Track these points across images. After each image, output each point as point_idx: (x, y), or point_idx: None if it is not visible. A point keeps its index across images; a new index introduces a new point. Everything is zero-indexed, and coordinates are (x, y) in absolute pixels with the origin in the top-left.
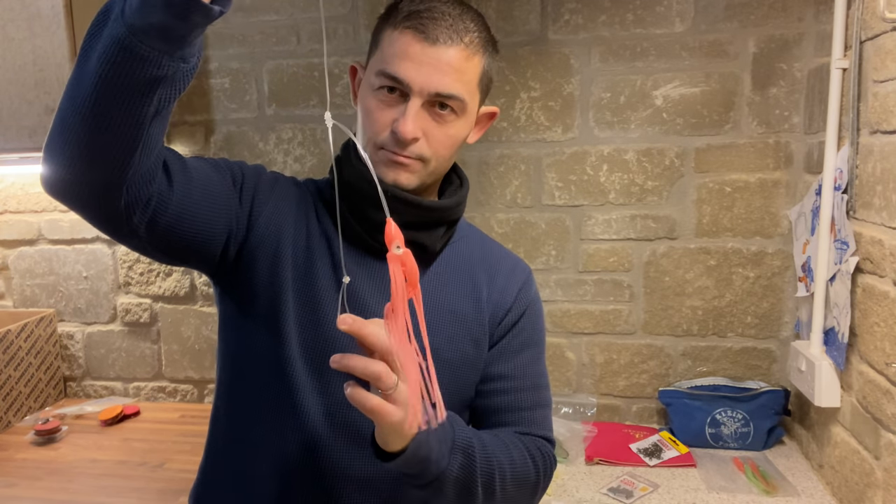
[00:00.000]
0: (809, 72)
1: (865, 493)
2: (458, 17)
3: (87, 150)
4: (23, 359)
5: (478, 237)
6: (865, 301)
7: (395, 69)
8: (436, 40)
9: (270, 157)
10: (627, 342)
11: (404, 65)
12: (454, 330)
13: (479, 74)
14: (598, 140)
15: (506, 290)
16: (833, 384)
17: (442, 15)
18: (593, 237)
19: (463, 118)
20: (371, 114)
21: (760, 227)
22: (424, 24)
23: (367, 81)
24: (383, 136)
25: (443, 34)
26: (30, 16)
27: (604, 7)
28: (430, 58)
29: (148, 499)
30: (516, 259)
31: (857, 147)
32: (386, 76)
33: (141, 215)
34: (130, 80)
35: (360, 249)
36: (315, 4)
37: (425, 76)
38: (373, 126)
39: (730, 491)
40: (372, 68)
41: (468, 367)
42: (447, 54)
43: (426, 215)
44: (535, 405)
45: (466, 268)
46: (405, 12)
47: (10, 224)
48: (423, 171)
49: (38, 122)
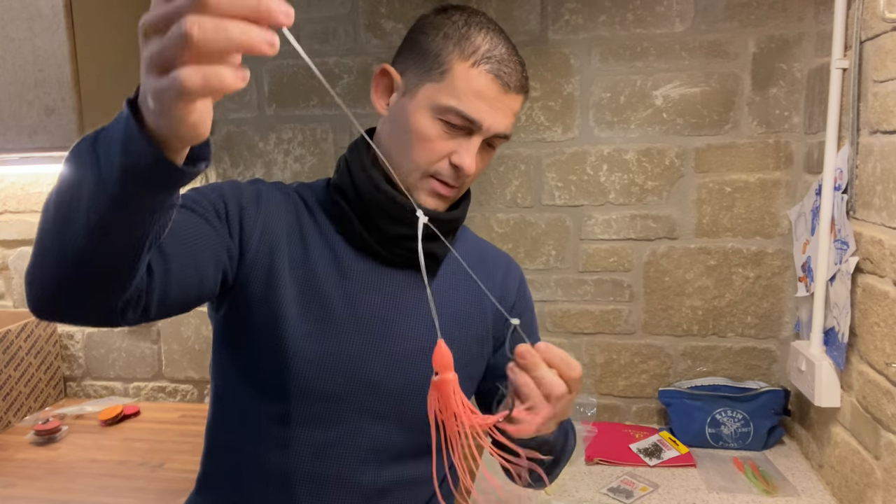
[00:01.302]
0: (809, 72)
1: (865, 493)
2: (521, 64)
3: (84, 287)
4: (23, 359)
5: (471, 238)
6: (865, 301)
7: (472, 111)
8: (509, 88)
9: (270, 157)
10: (627, 342)
11: (482, 108)
12: (458, 332)
13: None
14: (598, 140)
15: (506, 289)
16: (833, 384)
17: (516, 64)
18: (593, 237)
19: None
20: (428, 141)
21: (760, 227)
22: (503, 71)
23: (425, 102)
24: (440, 167)
25: (516, 83)
26: (30, 16)
27: (604, 7)
28: (503, 104)
29: (148, 499)
30: (508, 258)
31: (857, 147)
32: (458, 114)
33: (133, 311)
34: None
35: (368, 257)
36: (315, 4)
37: (495, 120)
38: (428, 154)
39: (730, 491)
40: (436, 93)
41: (471, 366)
42: (516, 102)
43: (443, 226)
44: None
45: (467, 270)
46: (483, 53)
47: (10, 224)
48: (454, 198)
49: (38, 122)
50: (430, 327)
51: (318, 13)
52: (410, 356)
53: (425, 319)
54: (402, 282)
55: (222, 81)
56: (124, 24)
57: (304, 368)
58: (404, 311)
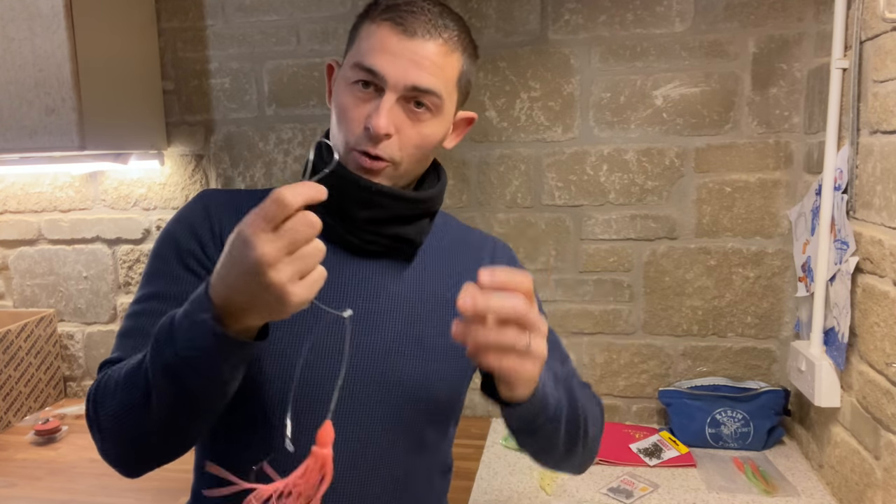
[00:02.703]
0: (809, 72)
1: (865, 493)
2: (437, 14)
3: (162, 453)
4: (23, 359)
5: (456, 225)
6: (865, 301)
7: (371, 61)
8: (414, 33)
9: (270, 157)
10: (627, 342)
11: (381, 57)
12: (441, 316)
13: (457, 73)
14: (598, 140)
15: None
16: (833, 384)
17: (421, 9)
18: (593, 237)
19: (439, 118)
20: (345, 111)
21: (760, 227)
22: (403, 17)
23: (342, 76)
24: (357, 136)
25: (421, 27)
26: (30, 16)
27: (604, 7)
28: (407, 50)
29: (147, 499)
30: (495, 239)
31: (857, 147)
32: (361, 69)
33: None
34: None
35: (341, 248)
36: (315, 4)
37: (402, 69)
38: (347, 124)
39: (730, 491)
40: (347, 62)
41: (460, 353)
42: (425, 48)
43: (412, 208)
44: (562, 359)
45: (448, 255)
46: (384, 6)
47: (10, 224)
48: (393, 174)
49: (38, 122)
50: (410, 322)
51: (318, 13)
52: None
53: (405, 311)
54: (374, 270)
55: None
56: (124, 25)
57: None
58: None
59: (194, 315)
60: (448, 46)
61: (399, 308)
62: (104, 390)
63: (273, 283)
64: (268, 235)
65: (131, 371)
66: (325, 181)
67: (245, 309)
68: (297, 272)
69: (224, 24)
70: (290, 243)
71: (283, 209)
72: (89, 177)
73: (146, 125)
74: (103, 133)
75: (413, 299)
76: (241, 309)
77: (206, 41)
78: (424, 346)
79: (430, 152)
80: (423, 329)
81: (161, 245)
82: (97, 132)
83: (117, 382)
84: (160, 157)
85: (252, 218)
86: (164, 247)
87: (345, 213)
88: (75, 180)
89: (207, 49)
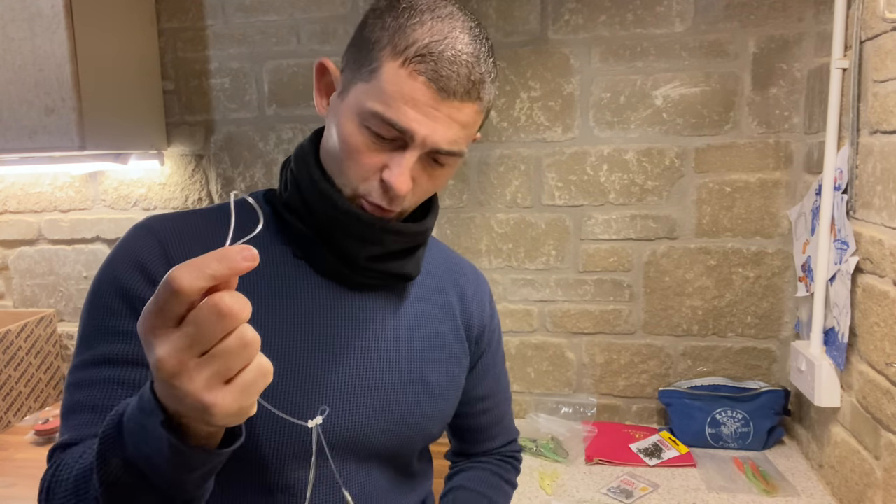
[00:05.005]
0: (809, 72)
1: (865, 493)
2: (474, 65)
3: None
4: (23, 359)
5: (438, 249)
6: (865, 301)
7: (397, 116)
8: (452, 94)
9: (270, 157)
10: (627, 342)
11: (411, 115)
12: (440, 354)
13: (482, 121)
14: (598, 140)
15: (477, 304)
16: (833, 384)
17: (459, 62)
18: (593, 237)
19: (453, 166)
20: (356, 153)
21: (760, 227)
22: (439, 72)
23: (353, 106)
24: (369, 185)
25: (460, 88)
26: (30, 16)
27: (604, 7)
28: (440, 112)
29: None
30: (476, 271)
31: (857, 147)
32: (384, 121)
33: None
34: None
35: (336, 283)
36: (315, 4)
37: (431, 130)
38: (357, 168)
39: (730, 491)
40: (363, 95)
41: (454, 389)
42: (460, 112)
43: (410, 241)
44: (509, 411)
45: (437, 285)
46: (416, 48)
47: (10, 224)
48: (399, 217)
49: (38, 122)
50: (410, 357)
51: (318, 13)
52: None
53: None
54: (371, 305)
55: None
56: (124, 25)
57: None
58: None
59: (142, 418)
60: (482, 104)
61: (399, 344)
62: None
63: (184, 393)
64: (165, 334)
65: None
66: (307, 200)
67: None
68: (214, 376)
69: (224, 24)
70: (195, 342)
71: (178, 299)
72: (89, 177)
73: (146, 125)
74: (103, 133)
75: (411, 334)
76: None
77: (206, 41)
78: (424, 383)
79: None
80: (422, 365)
81: (100, 293)
82: (97, 132)
83: (66, 490)
84: (160, 157)
85: (145, 311)
86: (106, 294)
87: (344, 249)
88: (75, 180)
89: (207, 49)
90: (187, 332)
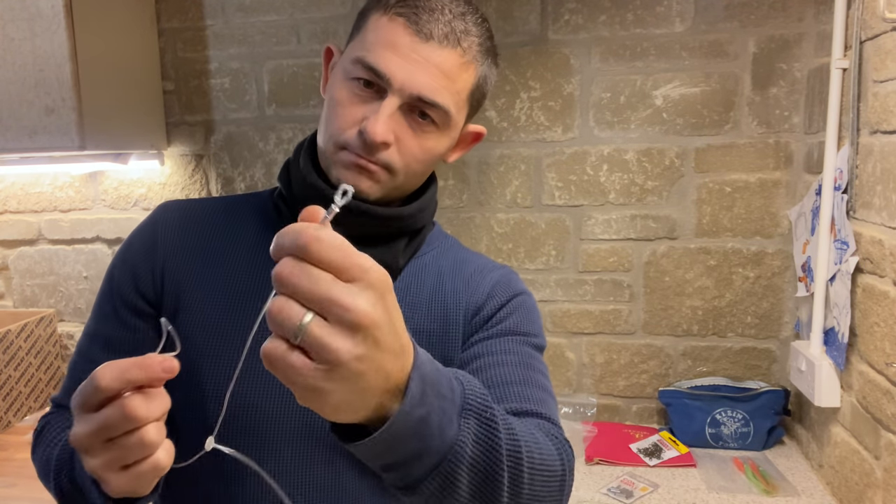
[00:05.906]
0: (809, 72)
1: (865, 493)
2: (459, 16)
3: None
4: (23, 359)
5: (453, 248)
6: (865, 301)
7: (375, 59)
8: (430, 36)
9: (270, 157)
10: (627, 342)
11: (388, 56)
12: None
13: (471, 87)
14: (598, 140)
15: (476, 290)
16: (833, 384)
17: (441, 9)
18: (593, 237)
19: (444, 132)
20: (339, 106)
21: (760, 227)
22: (419, 15)
23: (342, 67)
24: (348, 135)
25: (439, 31)
26: (30, 16)
27: (604, 7)
28: (419, 55)
29: None
30: (493, 263)
31: (857, 147)
32: (364, 66)
33: None
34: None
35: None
36: (315, 4)
37: (409, 74)
38: (338, 120)
39: (730, 491)
40: (350, 54)
41: None
42: (439, 56)
43: (381, 227)
44: (529, 383)
45: (433, 281)
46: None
47: (10, 224)
48: (388, 183)
49: (38, 122)
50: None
51: (318, 13)
52: None
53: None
54: None
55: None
56: (124, 25)
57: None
58: None
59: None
60: (465, 58)
61: None
62: (37, 444)
63: (88, 465)
64: (85, 415)
65: (46, 463)
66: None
67: None
68: (113, 461)
69: (224, 24)
70: (102, 430)
71: (98, 393)
72: (89, 177)
73: (146, 125)
74: (103, 133)
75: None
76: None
77: (206, 41)
78: None
79: (431, 166)
80: None
81: (109, 273)
82: (97, 132)
83: (41, 462)
84: (160, 157)
85: (80, 388)
86: (112, 278)
87: None
88: (75, 180)
89: (207, 49)
90: (98, 419)
